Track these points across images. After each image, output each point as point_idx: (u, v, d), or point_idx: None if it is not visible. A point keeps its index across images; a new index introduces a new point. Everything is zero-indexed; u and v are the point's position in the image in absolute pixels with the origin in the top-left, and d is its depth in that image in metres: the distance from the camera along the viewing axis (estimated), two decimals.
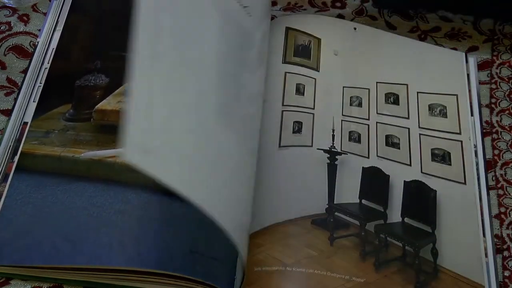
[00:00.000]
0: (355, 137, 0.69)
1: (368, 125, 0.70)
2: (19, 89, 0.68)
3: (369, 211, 0.65)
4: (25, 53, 0.72)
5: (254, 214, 0.62)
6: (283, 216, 0.63)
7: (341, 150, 0.68)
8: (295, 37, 0.73)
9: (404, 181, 0.66)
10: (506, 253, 0.63)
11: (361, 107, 0.71)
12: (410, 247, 0.62)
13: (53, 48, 0.71)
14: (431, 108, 0.70)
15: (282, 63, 0.71)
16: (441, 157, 0.67)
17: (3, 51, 0.72)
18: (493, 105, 0.73)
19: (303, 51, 0.73)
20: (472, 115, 0.70)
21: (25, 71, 0.70)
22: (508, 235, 0.64)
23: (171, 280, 0.56)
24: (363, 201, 0.66)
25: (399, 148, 0.68)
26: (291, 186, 0.65)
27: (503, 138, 0.70)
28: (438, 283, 0.60)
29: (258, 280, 0.58)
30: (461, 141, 0.68)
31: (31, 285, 0.59)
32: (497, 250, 0.63)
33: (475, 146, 0.68)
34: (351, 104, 0.71)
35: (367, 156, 0.68)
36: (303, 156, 0.67)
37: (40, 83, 0.68)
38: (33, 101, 0.67)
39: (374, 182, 0.67)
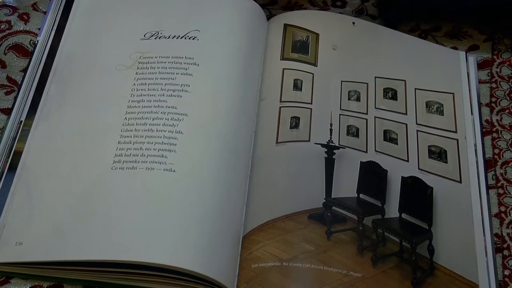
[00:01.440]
0: (353, 132, 0.68)
1: (366, 119, 0.69)
2: (19, 88, 0.68)
3: (367, 205, 0.65)
4: (25, 52, 0.72)
5: (252, 211, 0.62)
6: (280, 212, 0.62)
7: (339, 144, 0.67)
8: (293, 33, 0.73)
9: (402, 176, 0.66)
10: (506, 252, 0.63)
11: (359, 101, 0.70)
12: (407, 243, 0.62)
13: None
14: (428, 105, 0.70)
15: (280, 60, 0.71)
16: (438, 154, 0.67)
17: (3, 50, 0.72)
18: (493, 104, 0.72)
19: (301, 47, 0.72)
20: (472, 114, 0.70)
21: (25, 70, 0.70)
22: (508, 234, 0.64)
23: (172, 280, 0.57)
24: (361, 196, 0.66)
25: (396, 144, 0.68)
26: (288, 182, 0.64)
27: (503, 137, 0.70)
28: (434, 280, 0.60)
29: (255, 277, 0.58)
30: (457, 140, 0.68)
31: (31, 284, 0.59)
32: (497, 249, 0.63)
33: (475, 145, 0.68)
34: (349, 99, 0.70)
35: (365, 150, 0.67)
36: (300, 151, 0.66)
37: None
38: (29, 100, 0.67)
39: (372, 176, 0.66)
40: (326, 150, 0.67)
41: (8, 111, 0.68)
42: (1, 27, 0.74)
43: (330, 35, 0.74)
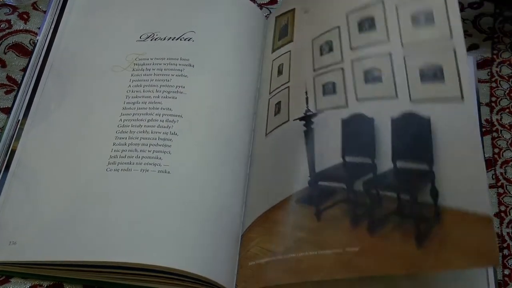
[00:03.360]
0: (329, 89, 0.61)
1: (342, 68, 0.61)
2: (18, 87, 0.68)
3: (355, 167, 0.57)
4: (25, 51, 0.73)
5: (248, 209, 0.61)
6: (270, 203, 0.60)
7: (316, 109, 0.61)
8: (279, 21, 0.71)
9: (391, 118, 0.57)
10: (506, 252, 0.62)
11: (333, 51, 0.63)
12: (406, 195, 0.54)
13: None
14: (414, 18, 0.59)
15: (271, 53, 0.70)
16: (432, 74, 0.56)
17: (3, 49, 0.73)
18: (493, 104, 0.72)
19: (282, 32, 0.70)
20: None
21: (25, 69, 0.70)
22: (508, 233, 0.64)
23: (171, 280, 0.56)
24: (347, 158, 0.58)
25: (381, 81, 0.59)
26: (275, 171, 0.61)
27: (503, 136, 0.70)
28: (440, 227, 0.51)
29: (252, 275, 0.57)
30: (454, 49, 0.56)
31: (31, 283, 0.59)
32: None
33: None
34: (321, 54, 0.64)
35: (345, 105, 0.60)
36: (283, 135, 0.63)
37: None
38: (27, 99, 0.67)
39: (357, 132, 0.58)
40: (304, 123, 0.61)
41: (7, 111, 0.68)
42: (1, 26, 0.74)
43: (303, 2, 0.69)
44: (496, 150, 0.69)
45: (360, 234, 0.54)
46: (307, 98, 0.62)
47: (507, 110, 0.72)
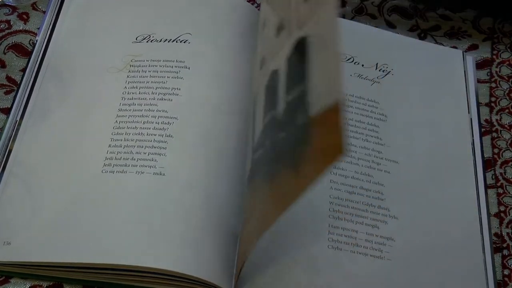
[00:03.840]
0: (261, 61, 0.58)
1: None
2: (18, 88, 0.69)
3: (267, 126, 0.53)
4: (25, 52, 0.73)
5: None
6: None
7: (257, 89, 0.58)
8: None
9: (286, 57, 0.51)
10: (505, 252, 0.62)
11: (265, 24, 0.58)
12: (290, 126, 0.47)
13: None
14: None
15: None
16: None
17: (2, 50, 0.73)
18: (492, 104, 0.72)
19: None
20: (469, 113, 0.70)
21: (24, 70, 0.70)
22: (507, 233, 0.63)
23: (170, 281, 0.56)
24: (264, 121, 0.54)
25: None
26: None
27: (502, 136, 0.70)
28: (309, 141, 0.43)
29: (242, 269, 0.56)
30: None
31: (31, 283, 0.59)
32: (497, 249, 0.62)
33: (473, 145, 0.67)
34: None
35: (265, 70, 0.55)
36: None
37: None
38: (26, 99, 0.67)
39: (271, 91, 0.53)
40: (253, 105, 0.59)
41: (7, 111, 0.68)
42: (1, 26, 0.74)
43: None
44: (496, 150, 0.69)
45: (267, 190, 0.50)
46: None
47: (507, 110, 0.72)
